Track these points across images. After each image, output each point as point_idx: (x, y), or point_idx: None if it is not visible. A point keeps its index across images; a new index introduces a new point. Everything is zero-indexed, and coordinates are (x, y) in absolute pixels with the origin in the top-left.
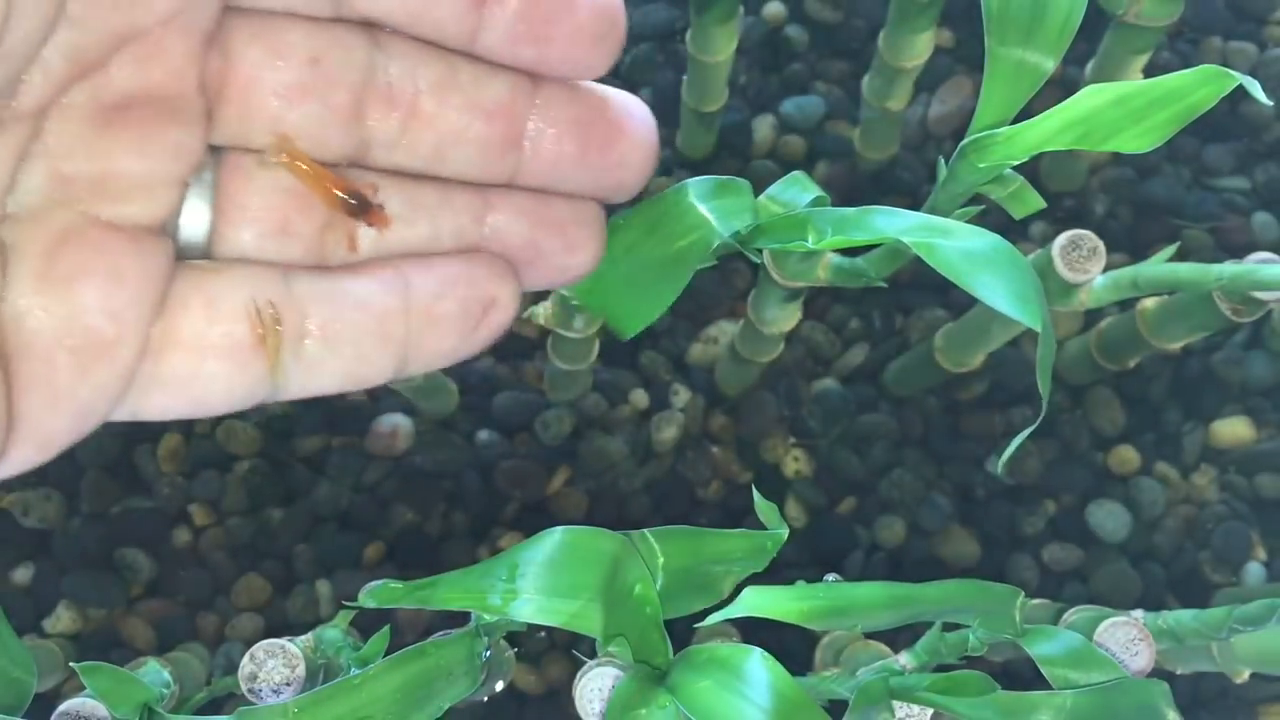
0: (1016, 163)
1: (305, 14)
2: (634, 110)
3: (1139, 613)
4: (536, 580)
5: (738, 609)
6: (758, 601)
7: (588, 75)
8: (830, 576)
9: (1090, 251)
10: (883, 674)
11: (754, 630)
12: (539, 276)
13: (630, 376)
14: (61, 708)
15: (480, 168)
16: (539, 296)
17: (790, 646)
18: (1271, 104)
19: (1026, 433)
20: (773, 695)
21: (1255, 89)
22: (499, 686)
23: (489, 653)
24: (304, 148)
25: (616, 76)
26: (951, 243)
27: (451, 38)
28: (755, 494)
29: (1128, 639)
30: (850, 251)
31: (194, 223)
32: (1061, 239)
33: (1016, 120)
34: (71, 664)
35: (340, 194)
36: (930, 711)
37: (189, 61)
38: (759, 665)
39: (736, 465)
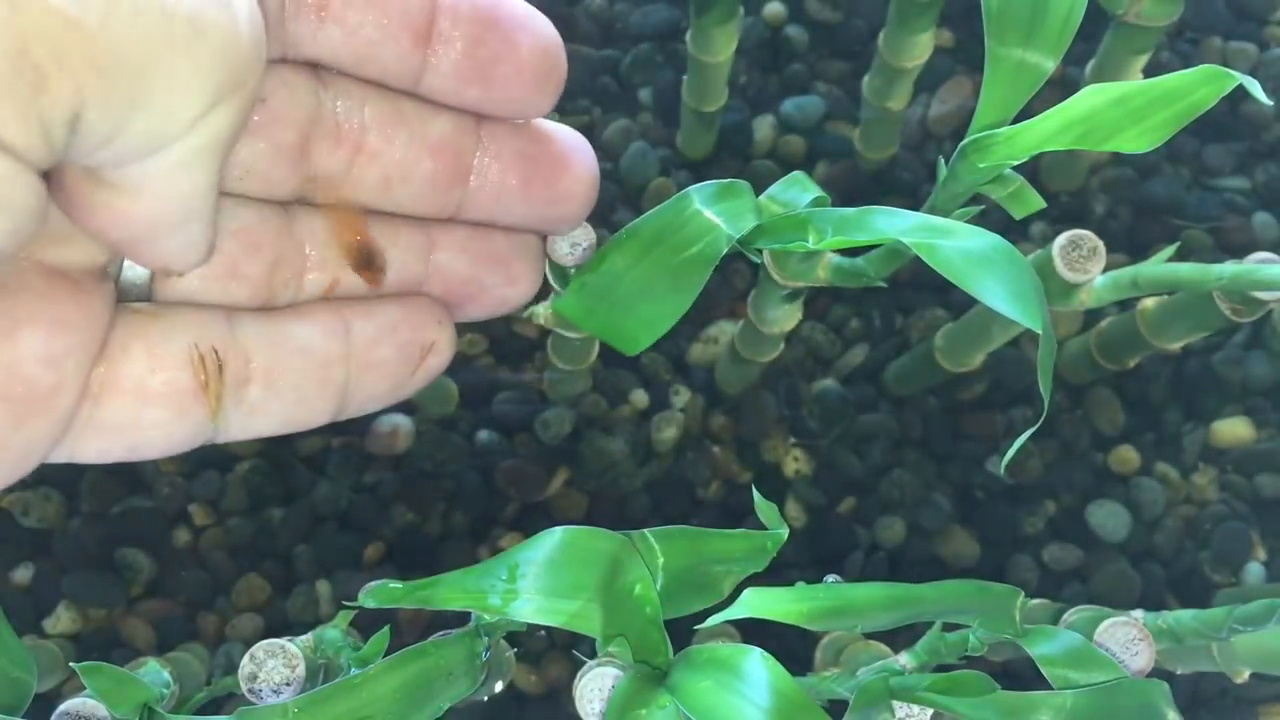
0: (1016, 163)
1: None
2: (576, 144)
3: (1139, 613)
4: (536, 580)
5: (738, 610)
6: (758, 602)
7: (531, 114)
8: (830, 577)
9: (1090, 251)
10: (883, 674)
11: (754, 630)
12: (478, 309)
13: (630, 376)
14: (61, 708)
15: (426, 203)
16: (539, 296)
17: (790, 646)
18: (1271, 104)
19: (1028, 433)
20: (773, 695)
21: (1255, 89)
22: (499, 686)
23: (489, 653)
24: (251, 185)
25: (616, 77)
26: (951, 243)
27: (397, 79)
28: (755, 494)
29: (1128, 639)
30: (850, 251)
31: (137, 266)
32: (1061, 239)
33: (1016, 120)
34: (71, 664)
35: (359, 247)
36: (930, 711)
37: None
38: (759, 665)
39: (736, 465)
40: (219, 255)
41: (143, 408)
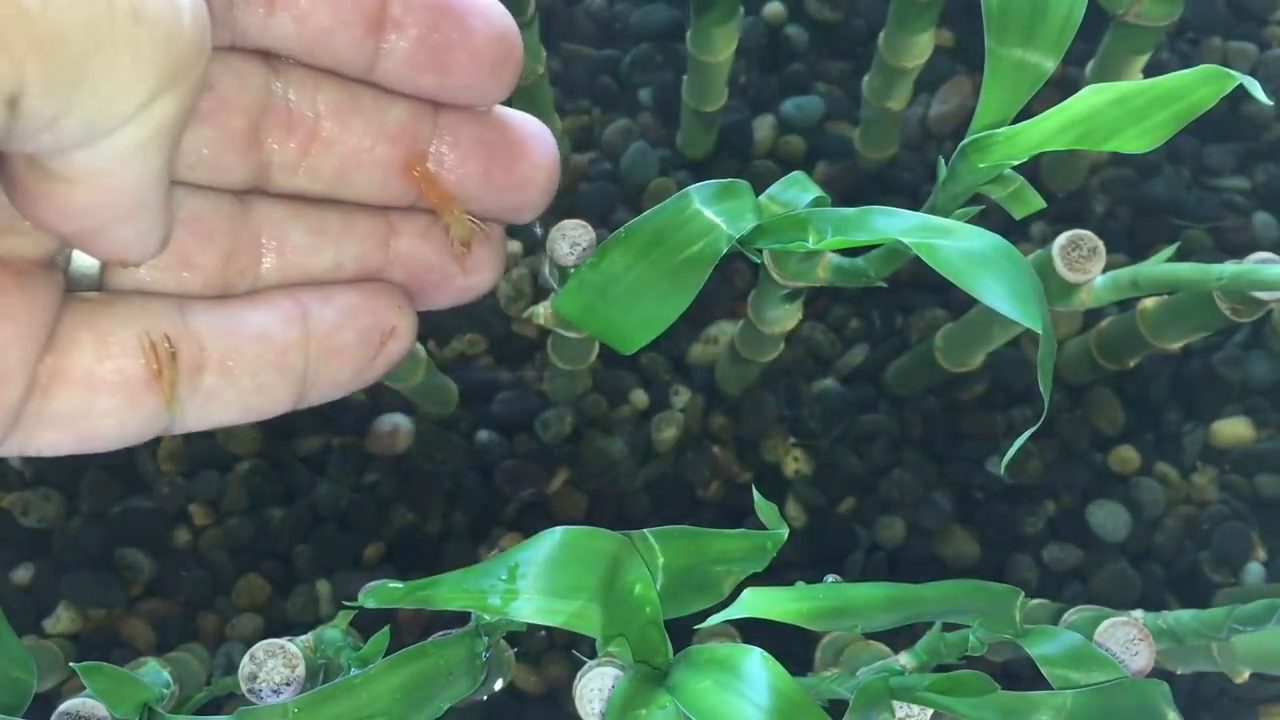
0: (1016, 162)
1: None
2: (535, 131)
3: (1139, 613)
4: (536, 580)
5: (738, 609)
6: (758, 602)
7: (487, 101)
8: (830, 577)
9: (1090, 251)
10: (883, 674)
11: (754, 630)
12: (441, 297)
13: (630, 376)
14: (61, 708)
15: (383, 191)
16: (539, 296)
17: (790, 646)
18: (1271, 104)
19: (1028, 433)
20: (773, 695)
21: (1255, 89)
22: (499, 685)
23: (489, 653)
24: (202, 174)
25: (616, 77)
26: (951, 243)
27: (351, 66)
28: (755, 494)
29: (1127, 639)
30: (850, 251)
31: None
32: (1061, 239)
33: (1016, 120)
34: (71, 664)
35: (468, 218)
36: (930, 711)
37: None
38: (759, 665)
39: (736, 465)
40: (171, 244)
41: (94, 398)
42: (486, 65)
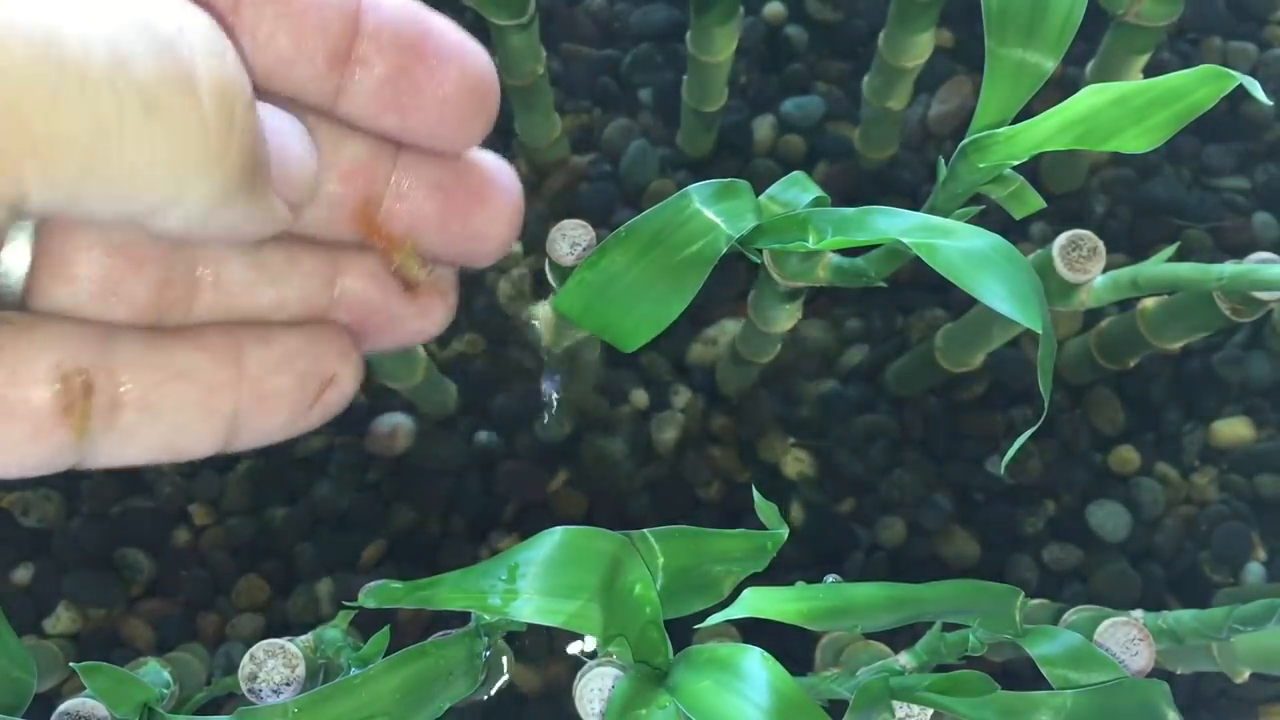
0: (1016, 163)
1: None
2: (499, 178)
3: (1139, 613)
4: (536, 580)
5: (738, 610)
6: (758, 602)
7: (455, 149)
8: (830, 577)
9: (1090, 251)
10: (883, 674)
11: (754, 630)
12: (388, 340)
13: (630, 376)
14: (62, 708)
15: (331, 229)
16: (539, 296)
17: (790, 646)
18: (1272, 104)
19: (1028, 434)
20: (773, 695)
21: (1255, 89)
22: (499, 683)
23: (489, 653)
24: None
25: (616, 77)
26: (951, 243)
27: (312, 99)
28: (755, 494)
29: (1127, 639)
30: (850, 251)
31: (12, 269)
32: (1061, 239)
33: (1016, 120)
34: (71, 664)
35: (418, 261)
36: (930, 711)
37: None
38: (759, 665)
39: (736, 465)
40: (100, 269)
41: None
42: (456, 113)
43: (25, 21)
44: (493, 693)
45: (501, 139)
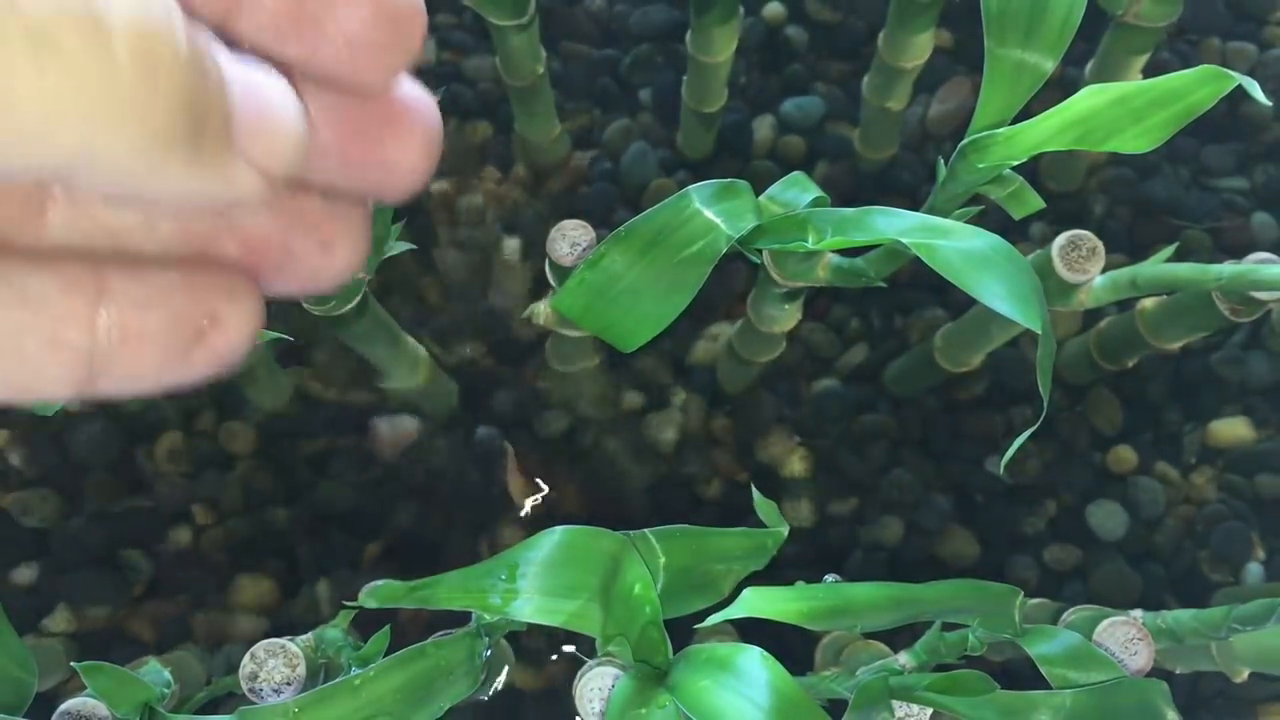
0: (1016, 163)
1: None
2: (414, 105)
3: (1138, 612)
4: (536, 580)
5: (738, 609)
6: (758, 602)
7: (372, 83)
8: (830, 576)
9: (1089, 252)
10: (882, 673)
11: (754, 629)
12: (289, 280)
13: (631, 376)
14: (63, 707)
15: None
16: (539, 296)
17: (790, 646)
18: (1271, 104)
19: (1027, 434)
20: (772, 694)
21: (1254, 89)
22: (499, 685)
23: (490, 652)
24: None
25: (616, 77)
26: (951, 243)
27: (204, 11)
28: (755, 492)
29: (1127, 638)
30: (850, 251)
31: None
32: (1061, 239)
33: (1016, 120)
34: (72, 664)
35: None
36: (930, 711)
37: None
38: (758, 664)
39: (736, 465)
40: None
41: None
42: (371, 43)
43: None
44: (494, 691)
45: (502, 139)
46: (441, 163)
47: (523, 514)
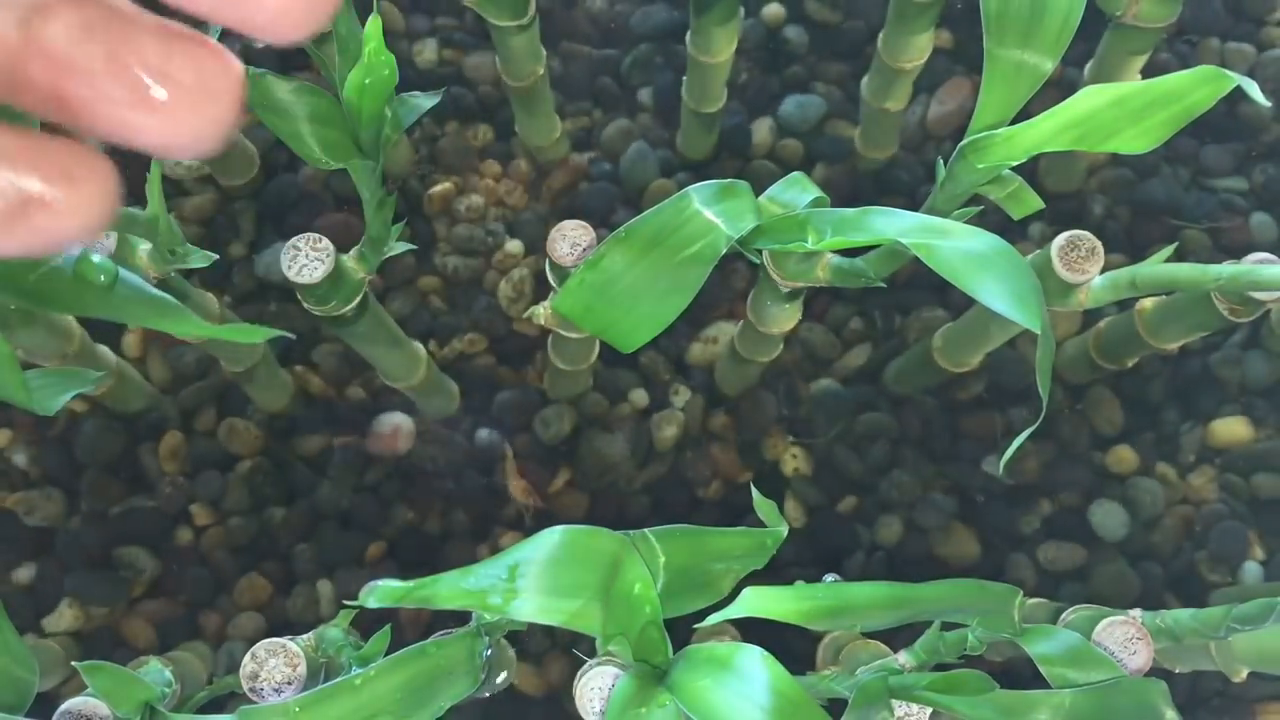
0: (1015, 163)
1: None
2: None
3: (1137, 612)
4: (537, 579)
5: (738, 608)
6: (757, 601)
7: None
8: (830, 576)
9: (1089, 252)
10: (882, 673)
11: (754, 628)
12: (22, 234)
13: (630, 376)
14: (64, 706)
15: None
16: (538, 296)
17: (790, 645)
18: (1269, 105)
19: (1027, 433)
20: (772, 694)
21: (1253, 90)
22: (499, 681)
23: (490, 652)
24: None
25: (616, 77)
26: (950, 243)
27: None
28: (754, 491)
29: (1126, 638)
30: (850, 252)
31: None
32: (1060, 239)
33: (1015, 121)
34: (73, 663)
35: None
36: (929, 710)
37: None
38: (758, 664)
39: (736, 465)
40: None
41: None
42: None
43: None
44: (496, 690)
45: (502, 139)
46: (442, 163)
47: (522, 514)
